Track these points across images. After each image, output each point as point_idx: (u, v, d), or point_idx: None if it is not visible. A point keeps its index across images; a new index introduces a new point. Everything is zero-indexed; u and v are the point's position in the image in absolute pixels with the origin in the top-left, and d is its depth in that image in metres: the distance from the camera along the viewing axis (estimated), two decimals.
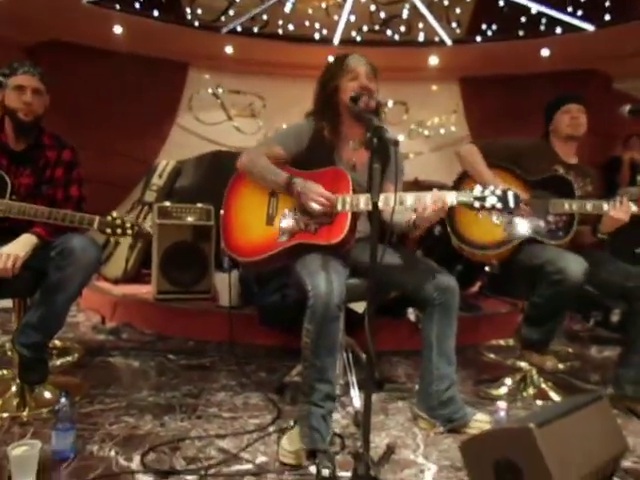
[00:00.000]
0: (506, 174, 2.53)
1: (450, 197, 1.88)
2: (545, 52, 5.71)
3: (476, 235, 2.48)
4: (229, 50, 6.19)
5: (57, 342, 3.00)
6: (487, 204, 1.85)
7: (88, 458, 1.77)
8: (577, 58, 5.69)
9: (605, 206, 2.33)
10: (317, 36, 6.00)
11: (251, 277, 3.28)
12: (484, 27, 5.71)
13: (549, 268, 2.27)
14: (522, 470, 1.43)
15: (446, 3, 5.67)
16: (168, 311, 3.55)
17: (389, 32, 6.04)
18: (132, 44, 5.85)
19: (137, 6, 5.42)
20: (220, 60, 6.45)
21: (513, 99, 6.22)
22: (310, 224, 2.02)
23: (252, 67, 6.54)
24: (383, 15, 5.95)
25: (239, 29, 5.89)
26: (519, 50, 5.72)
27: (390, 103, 6.53)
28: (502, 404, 2.03)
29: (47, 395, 2.19)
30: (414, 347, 2.19)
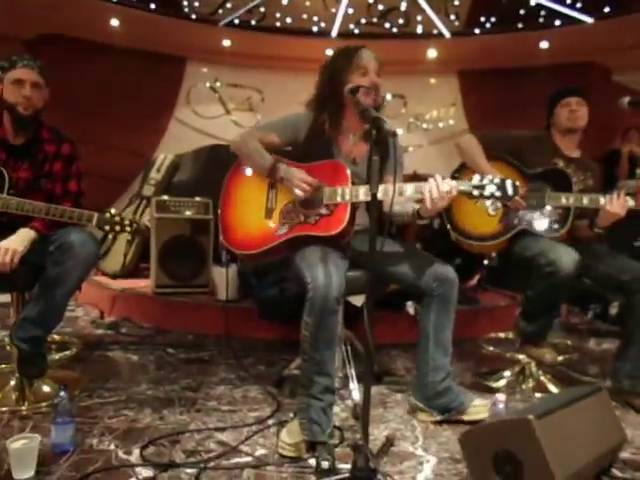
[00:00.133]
0: (504, 166, 2.52)
1: (452, 185, 1.87)
2: (544, 44, 5.70)
3: (472, 227, 2.47)
4: (227, 43, 6.17)
5: (56, 336, 3.00)
6: (486, 192, 1.85)
7: (88, 451, 1.76)
8: (576, 50, 5.68)
9: (602, 200, 2.31)
10: (315, 29, 5.98)
11: (249, 270, 3.28)
12: (483, 19, 5.70)
13: (541, 261, 2.27)
14: (521, 462, 1.43)
15: None
16: (167, 305, 3.55)
17: (387, 24, 6.03)
18: (129, 38, 5.83)
19: None
20: (218, 53, 6.43)
21: (512, 92, 6.21)
22: (309, 216, 2.02)
23: (250, 60, 6.52)
24: (381, 7, 5.94)
25: (236, 22, 5.86)
26: (518, 42, 5.71)
27: (388, 96, 6.52)
28: (501, 396, 2.03)
29: (46, 389, 2.19)
30: (413, 340, 2.18)
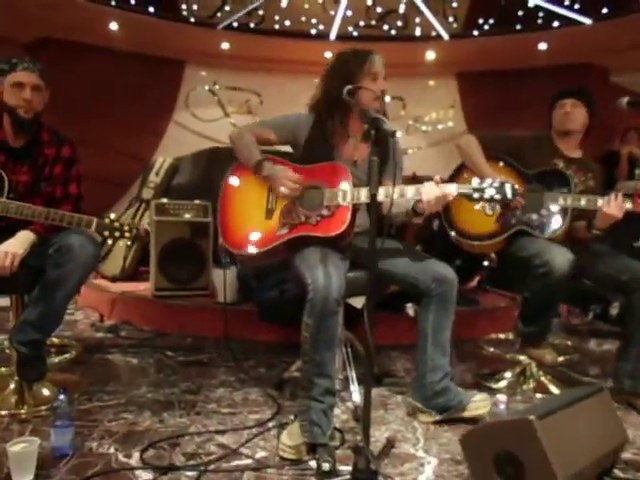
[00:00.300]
0: (503, 167, 2.52)
1: (451, 188, 1.91)
2: (542, 46, 5.71)
3: (471, 226, 2.47)
4: (225, 46, 6.17)
5: (55, 339, 2.99)
6: (486, 195, 1.88)
7: (87, 455, 1.76)
8: (574, 52, 5.69)
9: (599, 201, 2.30)
10: (314, 31, 5.99)
11: (249, 273, 3.28)
12: (481, 21, 5.71)
13: (535, 261, 2.27)
14: (523, 462, 1.42)
15: None
16: (166, 308, 3.55)
17: (386, 27, 6.04)
18: (128, 41, 5.84)
19: (132, 2, 5.39)
20: (217, 57, 6.44)
21: (510, 93, 6.22)
22: (311, 217, 2.02)
23: (249, 63, 6.53)
24: (380, 10, 5.95)
25: (235, 25, 5.87)
26: (516, 44, 5.72)
27: (387, 99, 6.52)
28: (502, 397, 2.03)
29: (45, 392, 2.18)
30: (413, 342, 2.18)
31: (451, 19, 5.87)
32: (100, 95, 5.86)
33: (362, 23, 6.05)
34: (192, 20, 5.76)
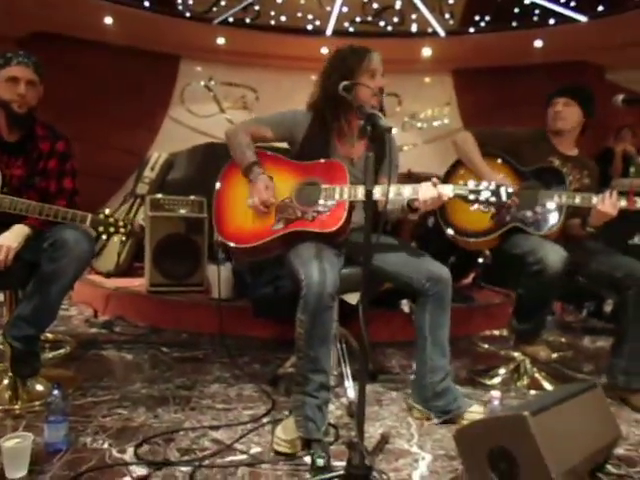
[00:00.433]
0: (499, 163, 2.52)
1: (447, 189, 1.92)
2: (538, 43, 5.72)
3: (466, 222, 2.48)
4: (221, 41, 6.15)
5: (49, 335, 2.98)
6: (481, 197, 1.91)
7: (81, 450, 1.75)
8: (570, 49, 5.70)
9: (594, 199, 2.30)
10: (310, 27, 5.97)
11: (244, 268, 3.27)
12: (477, 18, 5.71)
13: (529, 259, 2.27)
14: (516, 458, 1.43)
15: None
16: (161, 304, 3.54)
17: (382, 23, 6.03)
18: (123, 36, 5.81)
19: None
20: (212, 52, 6.41)
21: (506, 91, 6.24)
22: (307, 212, 2.02)
23: (244, 59, 6.51)
24: (376, 6, 5.94)
25: (231, 20, 5.85)
26: (512, 41, 5.73)
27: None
28: (496, 393, 2.03)
29: (39, 388, 2.17)
30: (408, 338, 2.19)
31: (447, 16, 5.87)
32: (95, 90, 5.83)
33: (358, 19, 6.04)
34: (187, 15, 5.74)
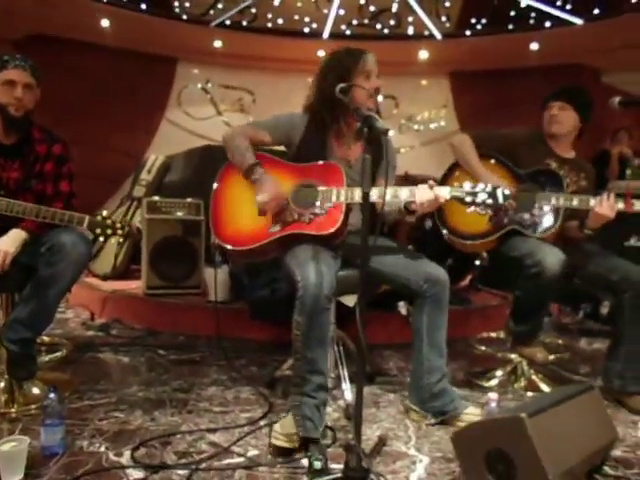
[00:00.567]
0: (496, 165, 2.52)
1: (444, 191, 1.92)
2: (534, 46, 5.74)
3: (464, 225, 2.47)
4: (218, 44, 6.15)
5: (45, 338, 2.97)
6: (478, 199, 1.91)
7: (78, 454, 1.75)
8: (566, 52, 5.72)
9: (592, 201, 2.30)
10: (306, 30, 5.97)
11: (241, 270, 3.27)
12: (474, 21, 5.72)
13: (527, 261, 2.27)
14: (513, 460, 1.43)
15: None
16: (158, 306, 3.54)
17: (379, 26, 6.04)
18: (120, 38, 5.81)
19: None
20: (209, 54, 6.41)
21: (502, 93, 6.25)
22: (304, 215, 2.02)
23: (241, 61, 6.51)
24: (373, 9, 5.95)
25: (228, 23, 5.85)
26: (509, 44, 5.74)
27: (380, 98, 6.52)
28: (493, 395, 2.03)
29: (35, 391, 2.16)
30: (405, 340, 2.19)
31: (444, 18, 5.89)
32: (92, 92, 5.82)
33: (355, 22, 6.05)
34: (184, 17, 5.74)
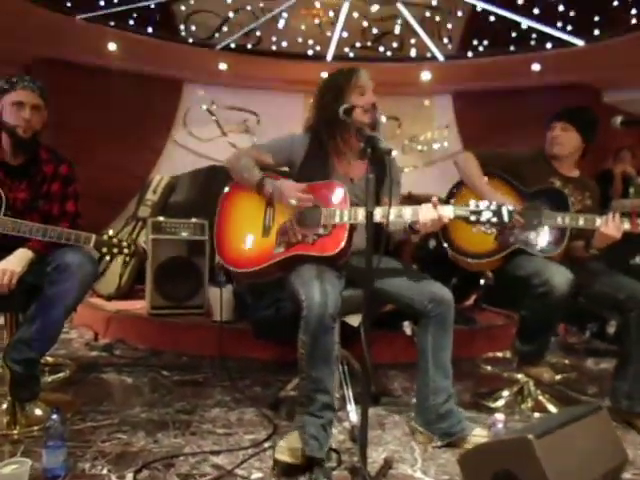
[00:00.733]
0: (501, 184, 2.53)
1: (447, 211, 1.91)
2: (536, 67, 5.78)
3: (469, 244, 2.47)
4: (223, 67, 6.22)
5: (49, 358, 2.96)
6: (483, 218, 1.89)
7: (80, 476, 1.73)
8: (567, 72, 5.76)
9: (598, 221, 2.30)
10: (310, 52, 6.04)
11: (245, 290, 3.26)
12: (475, 42, 5.77)
13: (535, 281, 2.25)
14: None
15: (438, 19, 5.73)
16: (162, 327, 3.52)
17: (381, 48, 6.10)
18: (127, 61, 5.88)
19: (131, 23, 5.44)
20: (214, 77, 6.49)
21: (505, 113, 6.29)
22: (307, 235, 2.02)
23: (246, 83, 6.59)
24: (375, 31, 6.01)
25: (233, 46, 5.93)
26: (510, 65, 5.79)
27: (383, 118, 6.56)
28: (500, 416, 2.01)
29: (38, 412, 2.15)
30: (410, 360, 2.17)
31: (446, 40, 5.94)
32: (99, 114, 5.88)
33: (358, 44, 6.11)
34: (190, 41, 5.82)
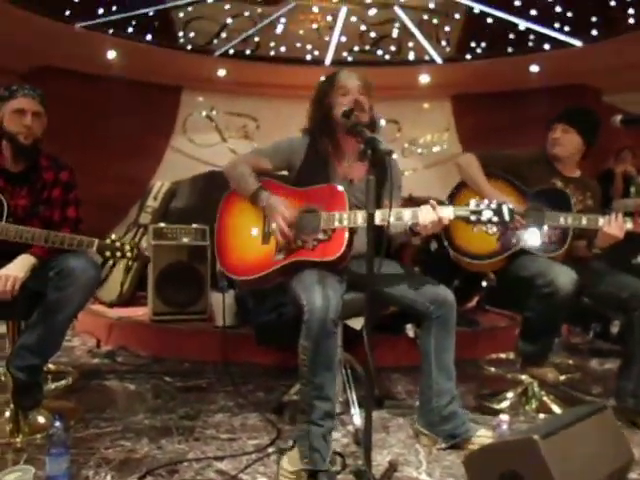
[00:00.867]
0: (503, 185, 2.53)
1: (447, 211, 1.90)
2: (534, 68, 5.78)
3: (471, 245, 2.46)
4: (222, 73, 6.24)
5: (51, 366, 2.95)
6: (483, 218, 1.87)
7: None
8: (566, 73, 5.75)
9: (600, 221, 2.30)
10: (309, 57, 6.05)
11: (247, 296, 3.26)
12: (473, 44, 5.77)
13: (539, 281, 2.25)
14: None
15: (435, 22, 5.73)
16: (164, 333, 3.52)
17: (380, 52, 6.10)
18: (126, 68, 5.90)
19: (130, 30, 5.46)
20: (213, 83, 6.50)
21: (505, 115, 6.29)
22: (307, 241, 2.02)
23: (245, 89, 6.59)
24: (373, 35, 6.02)
25: (231, 52, 5.94)
26: (509, 67, 5.79)
27: (382, 122, 6.57)
28: (504, 417, 2.00)
29: (41, 420, 2.14)
30: (413, 363, 2.16)
31: (444, 43, 5.94)
32: (98, 121, 5.90)
33: (356, 48, 6.12)
34: (189, 47, 5.83)
